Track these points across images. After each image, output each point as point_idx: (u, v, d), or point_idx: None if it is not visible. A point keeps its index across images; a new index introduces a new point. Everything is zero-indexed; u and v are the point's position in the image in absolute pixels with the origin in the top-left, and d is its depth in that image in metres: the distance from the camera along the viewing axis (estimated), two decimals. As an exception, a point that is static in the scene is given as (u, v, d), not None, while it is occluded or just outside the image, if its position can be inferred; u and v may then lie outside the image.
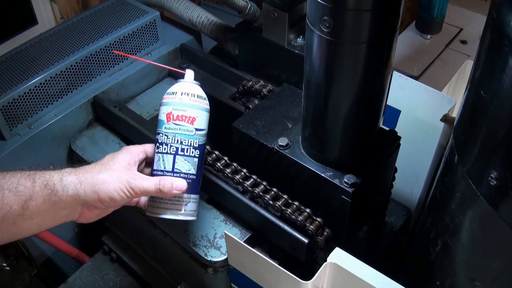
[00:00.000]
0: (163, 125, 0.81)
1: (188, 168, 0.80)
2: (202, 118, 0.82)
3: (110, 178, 0.75)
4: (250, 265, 0.86)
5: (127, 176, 0.76)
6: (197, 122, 0.81)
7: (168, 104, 0.81)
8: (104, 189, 0.74)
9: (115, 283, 1.24)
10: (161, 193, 0.78)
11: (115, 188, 0.74)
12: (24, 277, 1.28)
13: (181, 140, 0.80)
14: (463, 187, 0.66)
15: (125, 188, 0.75)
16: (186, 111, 0.80)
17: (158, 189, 0.77)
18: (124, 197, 0.76)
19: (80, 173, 0.75)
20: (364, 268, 0.71)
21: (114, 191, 0.74)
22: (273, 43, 1.15)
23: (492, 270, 0.68)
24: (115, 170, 0.76)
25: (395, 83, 1.07)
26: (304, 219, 0.87)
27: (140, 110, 1.25)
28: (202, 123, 0.82)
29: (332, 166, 0.85)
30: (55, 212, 0.74)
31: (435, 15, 1.54)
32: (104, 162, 0.78)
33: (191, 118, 0.80)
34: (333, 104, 0.78)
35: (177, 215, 0.81)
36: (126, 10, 1.32)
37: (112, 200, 0.75)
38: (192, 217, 0.83)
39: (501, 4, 0.55)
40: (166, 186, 0.77)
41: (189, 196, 0.82)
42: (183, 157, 0.80)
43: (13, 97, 1.10)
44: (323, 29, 0.69)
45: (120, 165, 0.77)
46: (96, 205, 0.75)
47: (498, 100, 0.57)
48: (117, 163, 0.77)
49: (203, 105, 0.82)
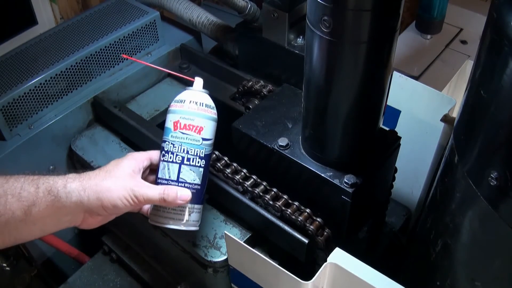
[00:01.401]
0: (170, 133, 0.80)
1: (193, 178, 0.80)
2: (209, 127, 0.81)
3: (114, 186, 0.74)
4: (250, 266, 0.86)
5: (131, 184, 0.75)
6: (204, 132, 0.80)
7: (175, 112, 0.80)
8: (107, 197, 0.73)
9: (115, 283, 1.24)
10: (165, 203, 0.77)
11: (119, 196, 0.74)
12: (24, 277, 1.28)
13: (188, 150, 0.79)
14: (463, 187, 0.66)
15: (129, 196, 0.75)
16: (193, 120, 0.79)
17: (162, 199, 0.76)
18: (128, 205, 0.75)
19: (84, 180, 0.74)
20: (364, 268, 0.71)
21: (118, 199, 0.74)
22: (273, 43, 1.15)
23: (492, 270, 0.68)
24: (119, 177, 0.76)
25: (395, 83, 1.07)
26: (304, 219, 0.87)
27: (140, 110, 1.25)
28: (209, 132, 0.81)
29: (332, 166, 0.85)
30: (57, 218, 0.74)
31: (435, 15, 1.54)
32: (109, 169, 0.77)
33: (199, 128, 0.79)
34: (333, 104, 0.78)
35: (180, 226, 0.81)
36: (126, 10, 1.32)
37: (115, 207, 0.75)
38: (194, 227, 0.83)
39: (501, 4, 0.55)
40: (171, 195, 0.77)
41: (193, 206, 0.81)
42: (189, 166, 0.79)
43: (13, 97, 1.10)
44: (323, 29, 0.69)
45: (124, 172, 0.77)
46: (99, 212, 0.75)
47: (498, 100, 0.57)
48: (121, 170, 0.77)
49: (211, 114, 0.81)
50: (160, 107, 1.27)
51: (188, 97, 0.80)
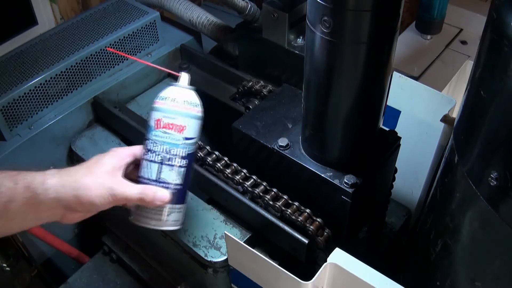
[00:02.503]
0: (152, 131, 0.78)
1: (174, 179, 0.78)
2: (192, 126, 0.78)
3: (93, 184, 0.73)
4: (250, 266, 0.86)
5: (110, 182, 0.74)
6: (186, 131, 0.77)
7: (157, 110, 0.77)
8: (86, 195, 0.72)
9: (115, 283, 1.24)
10: (144, 203, 0.76)
11: (97, 194, 0.73)
12: (24, 277, 1.28)
13: (168, 149, 0.77)
14: (463, 187, 0.66)
15: (107, 195, 0.73)
16: (175, 119, 0.76)
17: (141, 199, 0.75)
18: (106, 204, 0.74)
19: (63, 176, 0.73)
20: (364, 269, 0.71)
21: (96, 197, 0.73)
22: (273, 43, 1.15)
23: (492, 270, 0.68)
24: (99, 175, 0.74)
25: (395, 83, 1.07)
26: (304, 219, 0.87)
27: (140, 111, 1.25)
28: (193, 131, 0.78)
29: (332, 167, 0.85)
30: (36, 213, 0.73)
31: (435, 15, 1.54)
32: (89, 164, 0.76)
33: (181, 127, 0.76)
34: (333, 105, 0.78)
35: (159, 226, 0.79)
36: (126, 10, 1.32)
37: (93, 205, 0.74)
38: (175, 227, 0.81)
39: (501, 5, 0.56)
40: (149, 196, 0.75)
41: (173, 206, 0.79)
42: (169, 166, 0.77)
43: (13, 98, 1.10)
44: (323, 29, 0.69)
45: (104, 169, 0.75)
46: (78, 208, 0.74)
47: (498, 101, 0.57)
48: (102, 166, 0.75)
49: (195, 112, 0.78)
50: (160, 107, 1.27)
51: (171, 94, 0.77)
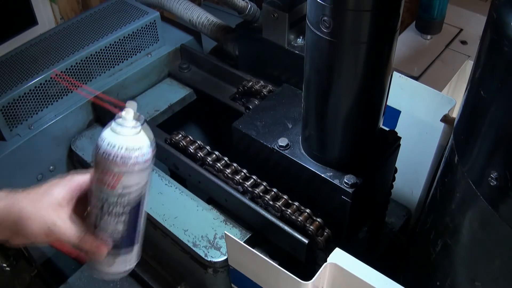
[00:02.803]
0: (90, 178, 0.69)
1: (113, 228, 0.69)
2: (132, 176, 0.65)
3: (34, 216, 0.68)
4: (250, 266, 0.86)
5: (53, 218, 0.68)
6: (125, 180, 0.65)
7: (93, 157, 0.68)
8: (27, 227, 0.68)
9: (115, 283, 1.24)
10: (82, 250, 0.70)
11: (37, 228, 0.68)
12: (24, 277, 1.28)
13: (105, 199, 0.66)
14: (463, 187, 0.66)
15: (48, 231, 0.68)
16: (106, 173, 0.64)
17: (79, 246, 0.69)
18: (45, 239, 0.69)
19: (12, 200, 0.69)
20: (364, 268, 0.71)
21: (36, 230, 0.68)
22: (273, 43, 1.15)
23: (492, 270, 0.68)
24: (43, 207, 0.68)
25: (395, 83, 1.07)
26: (304, 219, 0.87)
27: (140, 111, 1.25)
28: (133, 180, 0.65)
29: (332, 167, 0.85)
30: None
31: (435, 15, 1.54)
32: (40, 191, 0.70)
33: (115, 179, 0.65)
34: (333, 105, 0.78)
35: (103, 275, 0.73)
36: (126, 10, 1.32)
37: (34, 237, 0.69)
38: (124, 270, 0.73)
39: (501, 5, 0.56)
40: (86, 246, 0.69)
41: (118, 251, 0.71)
42: (109, 216, 0.68)
43: (13, 98, 1.10)
44: (323, 29, 0.69)
45: (51, 201, 0.69)
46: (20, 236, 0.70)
47: (498, 100, 0.57)
48: (50, 197, 0.69)
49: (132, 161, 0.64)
50: (160, 107, 1.27)
51: (102, 143, 0.65)
